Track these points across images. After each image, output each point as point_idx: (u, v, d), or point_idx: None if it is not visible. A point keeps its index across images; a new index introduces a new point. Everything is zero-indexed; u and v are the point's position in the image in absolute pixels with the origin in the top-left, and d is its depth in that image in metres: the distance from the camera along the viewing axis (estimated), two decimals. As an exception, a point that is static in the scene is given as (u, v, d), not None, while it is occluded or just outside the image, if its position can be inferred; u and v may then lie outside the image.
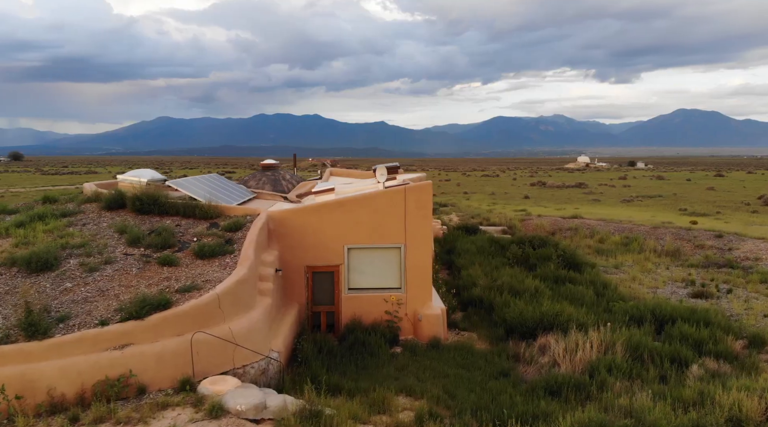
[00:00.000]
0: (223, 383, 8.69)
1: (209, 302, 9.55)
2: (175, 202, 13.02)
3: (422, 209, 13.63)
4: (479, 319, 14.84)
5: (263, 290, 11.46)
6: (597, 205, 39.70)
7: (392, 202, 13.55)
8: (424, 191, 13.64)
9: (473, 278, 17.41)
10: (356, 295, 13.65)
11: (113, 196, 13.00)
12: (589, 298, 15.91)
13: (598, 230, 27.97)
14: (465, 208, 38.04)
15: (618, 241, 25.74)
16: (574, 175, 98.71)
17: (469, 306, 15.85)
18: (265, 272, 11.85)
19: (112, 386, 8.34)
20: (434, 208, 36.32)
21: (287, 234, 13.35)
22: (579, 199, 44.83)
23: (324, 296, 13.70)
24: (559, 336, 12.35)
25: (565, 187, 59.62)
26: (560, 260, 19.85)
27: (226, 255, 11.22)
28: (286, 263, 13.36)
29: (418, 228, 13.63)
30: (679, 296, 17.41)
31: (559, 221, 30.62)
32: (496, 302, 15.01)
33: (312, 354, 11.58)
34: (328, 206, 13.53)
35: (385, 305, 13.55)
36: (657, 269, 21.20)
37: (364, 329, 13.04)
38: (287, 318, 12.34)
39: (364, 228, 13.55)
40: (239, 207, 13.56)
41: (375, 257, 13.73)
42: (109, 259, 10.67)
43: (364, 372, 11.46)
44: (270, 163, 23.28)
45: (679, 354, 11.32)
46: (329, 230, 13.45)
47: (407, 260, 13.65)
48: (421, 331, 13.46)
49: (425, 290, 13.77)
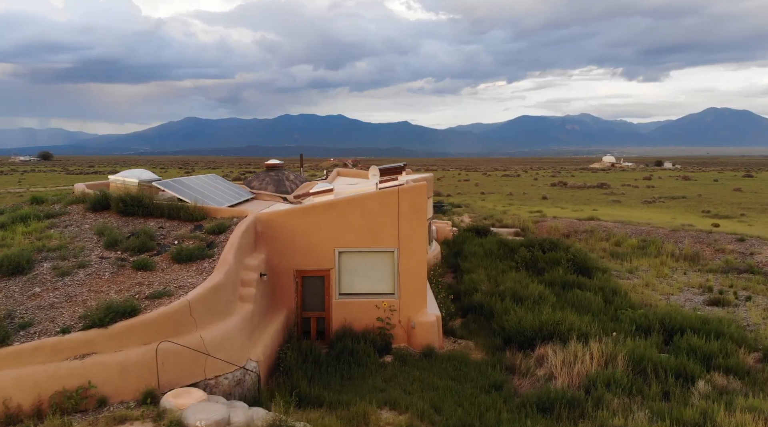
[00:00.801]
0: (187, 397, 8.23)
1: (179, 309, 9.11)
2: (161, 203, 12.65)
3: (416, 212, 13.04)
4: (478, 326, 14.19)
5: (244, 296, 11.00)
6: (616, 207, 38.53)
7: (385, 204, 12.99)
8: (419, 193, 13.04)
9: (475, 283, 16.75)
10: (348, 300, 13.12)
11: (98, 197, 12.69)
12: (597, 305, 15.14)
13: (615, 232, 26.99)
14: (479, 209, 37.23)
15: (634, 244, 24.76)
16: (598, 175, 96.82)
17: (469, 312, 15.21)
18: (247, 276, 11.39)
19: (70, 398, 7.94)
20: (447, 208, 35.62)
21: (275, 237, 12.88)
22: (599, 201, 43.64)
23: (314, 301, 13.19)
24: (558, 347, 11.65)
25: (586, 187, 58.28)
26: (570, 265, 19.04)
27: (204, 259, 10.77)
28: (275, 267, 12.90)
29: (413, 231, 13.05)
30: (695, 304, 16.50)
31: (574, 222, 29.68)
32: (496, 308, 14.34)
33: (295, 363, 11.08)
34: (317, 208, 13.03)
35: (377, 312, 13.00)
36: (673, 274, 20.24)
37: (355, 336, 12.51)
38: (272, 325, 11.85)
39: (356, 231, 13.02)
40: (227, 209, 13.13)
41: (367, 261, 13.18)
42: (83, 263, 10.31)
43: (350, 383, 10.93)
44: (274, 164, 22.89)
45: (685, 368, 10.55)
46: (319, 232, 12.95)
47: (401, 264, 13.08)
48: (414, 339, 12.87)
49: (419, 295, 13.18)
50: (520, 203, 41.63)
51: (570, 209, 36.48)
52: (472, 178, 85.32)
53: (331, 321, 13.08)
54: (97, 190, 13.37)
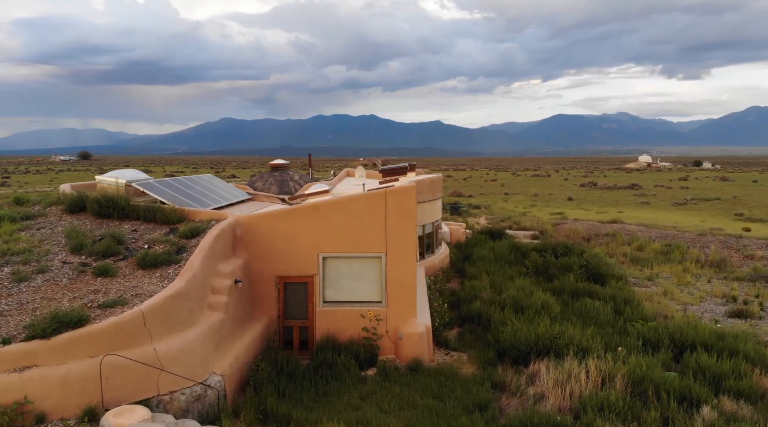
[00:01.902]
0: (129, 415, 7.64)
1: (131, 320, 8.54)
2: (137, 205, 12.16)
3: (405, 215, 12.25)
4: (474, 338, 13.31)
5: (214, 305, 10.40)
6: (644, 209, 36.88)
7: (371, 208, 12.24)
8: (407, 195, 12.26)
9: (476, 290, 15.85)
10: (332, 309, 12.42)
11: (74, 199, 12.28)
12: (605, 316, 14.10)
13: (638, 236, 25.65)
14: (498, 210, 36.09)
15: (658, 249, 23.41)
16: (632, 175, 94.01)
17: (467, 322, 14.33)
18: (220, 283, 10.78)
19: (3, 414, 7.44)
20: (464, 209, 34.61)
21: (256, 241, 12.26)
22: (627, 202, 41.94)
23: (297, 309, 12.53)
24: (553, 363, 10.72)
25: (617, 188, 56.35)
26: (583, 271, 17.96)
27: (171, 265, 10.21)
28: (256, 273, 12.29)
29: (401, 235, 12.27)
30: (715, 315, 15.28)
31: (596, 225, 28.37)
32: (494, 318, 13.46)
33: (267, 377, 10.41)
34: (300, 211, 12.36)
35: (362, 321, 12.27)
36: (696, 282, 18.94)
37: (339, 347, 11.81)
38: (248, 335, 11.22)
39: (341, 235, 12.31)
40: (207, 211, 12.57)
41: (353, 267, 12.45)
42: (43, 268, 9.86)
43: (324, 399, 10.23)
44: (279, 164, 22.36)
45: (690, 391, 9.50)
46: (302, 236, 12.28)
47: (388, 271, 12.31)
48: (402, 351, 12.09)
49: (408, 304, 12.39)
50: (543, 204, 40.29)
51: (594, 211, 35.04)
52: (500, 179, 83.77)
53: (315, 330, 12.40)
54: (75, 191, 12.98)
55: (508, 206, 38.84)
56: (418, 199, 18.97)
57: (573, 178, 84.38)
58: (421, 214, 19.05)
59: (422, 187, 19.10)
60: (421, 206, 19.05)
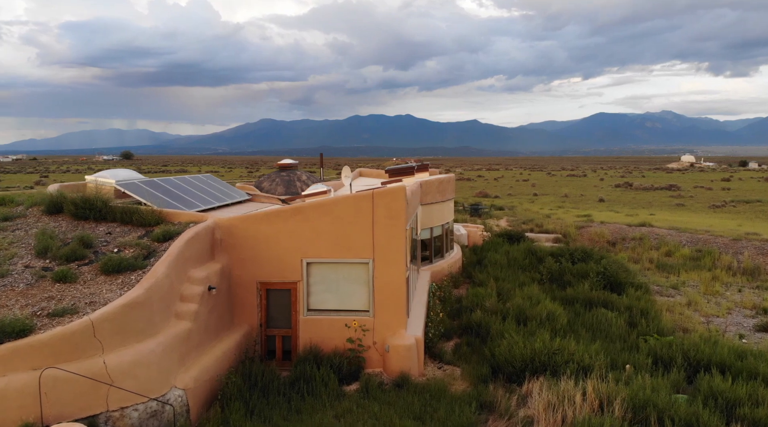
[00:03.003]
0: (64, 435, 7.08)
1: (78, 330, 7.99)
2: (114, 207, 11.69)
3: (393, 218, 11.45)
4: (471, 351, 12.39)
5: (181, 313, 9.81)
6: (677, 211, 35.02)
7: (358, 210, 11.48)
8: (395, 197, 11.45)
9: (480, 298, 14.90)
10: (317, 317, 11.70)
11: (52, 200, 11.90)
12: (617, 329, 13.00)
13: (667, 240, 24.16)
14: (523, 212, 34.81)
15: (687, 254, 21.94)
16: (672, 175, 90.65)
17: (466, 333, 13.43)
18: (190, 290, 10.18)
19: (-69, 432, 6.98)
20: (485, 211, 33.49)
21: (237, 245, 11.65)
22: (661, 204, 40.03)
23: (280, 317, 11.86)
24: (548, 383, 9.77)
25: (653, 189, 54.09)
26: (599, 278, 16.79)
27: (135, 271, 9.66)
28: (236, 278, 11.68)
29: (389, 241, 11.47)
30: (742, 329, 13.97)
31: (623, 228, 26.92)
32: (493, 330, 12.52)
33: (237, 391, 9.76)
34: (282, 213, 11.68)
35: (348, 331, 11.51)
36: (726, 292, 17.53)
37: (323, 358, 11.08)
38: (221, 345, 10.60)
39: (326, 239, 11.58)
40: (186, 213, 12.02)
41: (339, 273, 11.72)
42: (4, 272, 9.43)
43: (296, 417, 9.50)
44: (287, 164, 21.82)
45: (698, 419, 8.42)
46: (285, 240, 11.60)
47: (376, 278, 11.53)
48: (389, 364, 11.29)
49: (397, 314, 11.58)
50: (571, 206, 38.77)
51: (624, 213, 33.43)
52: (533, 179, 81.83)
53: (298, 340, 11.71)
54: (58, 192, 12.60)
55: (534, 208, 37.47)
56: (426, 200, 18.14)
57: (609, 178, 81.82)
58: (429, 216, 18.21)
59: (430, 189, 18.26)
60: (428, 208, 18.21)
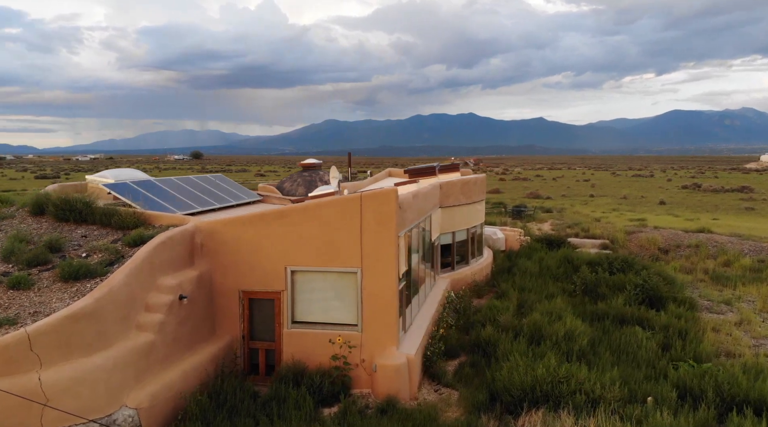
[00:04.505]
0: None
1: (12, 343, 7.37)
2: (95, 208, 11.19)
3: (383, 224, 10.36)
4: (474, 372, 11.12)
5: (144, 325, 9.10)
6: (744, 216, 31.97)
7: (345, 215, 10.47)
8: (386, 201, 10.35)
9: (496, 311, 13.56)
10: (302, 330, 10.77)
11: (36, 201, 11.54)
12: (646, 353, 11.39)
13: (727, 248, 21.80)
14: (571, 214, 32.70)
15: (747, 265, 19.64)
16: (748, 176, 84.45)
17: (473, 352, 12.15)
18: (157, 299, 9.47)
19: None
20: (530, 213, 31.68)
21: (218, 250, 10.88)
22: (728, 207, 36.80)
23: (263, 329, 11.01)
24: (546, 418, 8.45)
25: (723, 191, 50.19)
26: (638, 291, 15.05)
27: (95, 278, 9.02)
28: (218, 286, 10.92)
29: (379, 248, 10.39)
30: (801, 357, 11.98)
31: (679, 234, 24.60)
32: (500, 349, 11.21)
33: (200, 412, 8.94)
34: (265, 217, 10.81)
35: (333, 347, 10.51)
36: (788, 310, 15.36)
37: (307, 375, 10.13)
38: (192, 359, 9.82)
39: (312, 246, 10.64)
40: (168, 216, 11.36)
41: (326, 283, 10.74)
42: (-37, 277, 9.01)
43: (259, 444, 8.62)
44: (310, 163, 21.09)
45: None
46: (268, 246, 10.74)
47: (364, 289, 10.48)
48: (376, 385, 10.21)
49: (387, 329, 10.48)
50: (628, 209, 36.23)
51: (684, 218, 30.79)
52: (595, 179, 78.20)
53: (282, 354, 10.82)
54: (49, 193, 12.27)
55: (585, 210, 35.20)
56: (447, 203, 16.90)
57: (678, 179, 77.09)
58: (451, 219, 16.97)
59: (451, 190, 17.01)
60: (450, 211, 16.98)
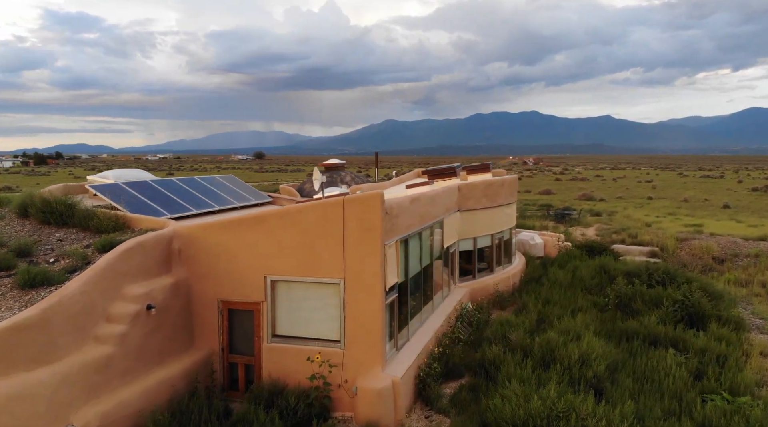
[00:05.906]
0: None
1: (-62, 358, 6.90)
2: (76, 210, 10.76)
3: (368, 231, 9.38)
4: (472, 397, 9.96)
5: (103, 337, 8.48)
6: (820, 222, 28.92)
7: (326, 221, 9.56)
8: (370, 206, 9.36)
9: (508, 328, 12.30)
10: (282, 345, 9.94)
11: (20, 203, 11.24)
12: (674, 381, 9.91)
13: (793, 259, 19.51)
14: (621, 219, 30.54)
15: (815, 278, 17.41)
16: (832, 177, 77.91)
17: (476, 373, 10.96)
18: (121, 309, 8.85)
19: None
20: (575, 216, 29.80)
21: (196, 257, 10.20)
22: (802, 211, 33.55)
23: (243, 342, 10.24)
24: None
25: (799, 193, 46.13)
26: (676, 308, 13.42)
27: (52, 286, 8.49)
28: (197, 295, 10.24)
29: (363, 258, 9.43)
30: None
31: (738, 242, 22.32)
32: (502, 373, 10.01)
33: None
34: (244, 222, 10.03)
35: (313, 366, 9.62)
36: None
37: (284, 395, 9.28)
38: (158, 374, 9.14)
39: (292, 254, 9.79)
40: (147, 219, 10.79)
41: (309, 294, 9.87)
42: None
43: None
44: (333, 164, 20.33)
45: None
46: (247, 254, 9.97)
47: (347, 303, 9.54)
48: (357, 409, 9.25)
49: (370, 348, 9.51)
50: (686, 213, 33.61)
51: (747, 224, 28.14)
52: (658, 180, 74.10)
53: (261, 370, 10.03)
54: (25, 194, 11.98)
55: (638, 214, 32.85)
56: (467, 206, 15.73)
57: (751, 180, 71.99)
58: (472, 224, 15.79)
59: (472, 192, 15.81)
60: (471, 215, 15.80)
